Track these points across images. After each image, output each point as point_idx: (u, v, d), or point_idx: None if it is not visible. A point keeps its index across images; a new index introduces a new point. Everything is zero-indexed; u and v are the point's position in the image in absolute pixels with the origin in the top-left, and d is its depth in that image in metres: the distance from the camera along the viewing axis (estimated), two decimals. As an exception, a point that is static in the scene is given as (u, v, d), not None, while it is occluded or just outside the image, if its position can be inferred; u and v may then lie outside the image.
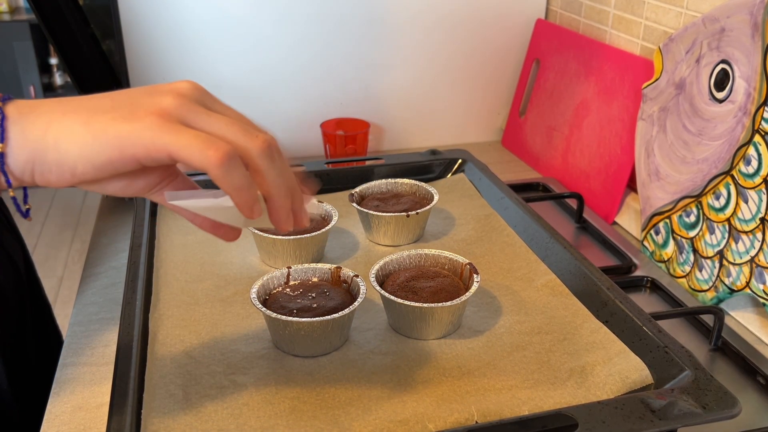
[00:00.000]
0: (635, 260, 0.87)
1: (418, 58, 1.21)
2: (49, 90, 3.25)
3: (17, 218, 0.69)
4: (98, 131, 0.41)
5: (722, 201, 0.76)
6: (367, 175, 0.89)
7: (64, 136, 0.41)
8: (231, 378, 0.56)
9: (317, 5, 1.13)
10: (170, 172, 0.47)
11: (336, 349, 0.60)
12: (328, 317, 0.57)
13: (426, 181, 0.89)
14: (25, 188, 0.46)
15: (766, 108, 0.70)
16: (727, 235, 0.76)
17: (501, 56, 1.25)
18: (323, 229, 0.73)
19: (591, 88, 1.05)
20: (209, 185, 0.85)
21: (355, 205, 0.78)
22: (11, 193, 0.43)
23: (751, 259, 0.72)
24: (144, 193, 0.47)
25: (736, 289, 0.74)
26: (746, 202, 0.73)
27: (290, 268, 0.65)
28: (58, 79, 3.29)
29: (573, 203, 0.99)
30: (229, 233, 0.49)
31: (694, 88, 0.81)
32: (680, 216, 0.83)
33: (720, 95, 0.77)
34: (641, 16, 0.98)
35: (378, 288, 0.62)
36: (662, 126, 0.86)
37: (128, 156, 0.41)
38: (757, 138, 0.71)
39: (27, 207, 0.46)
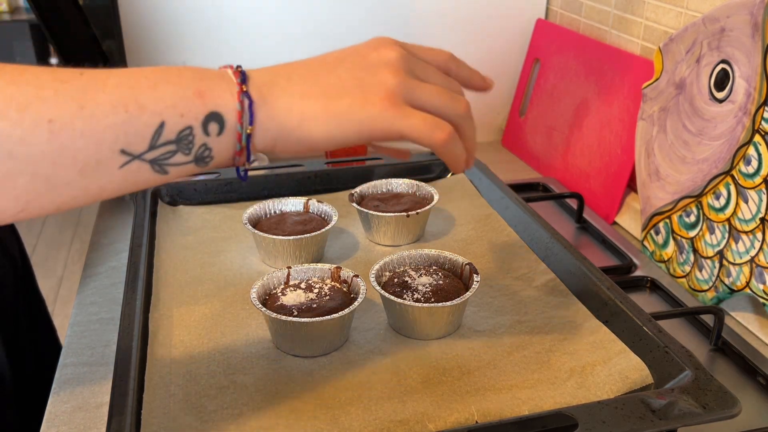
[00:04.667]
0: (635, 260, 0.87)
1: (418, 58, 1.21)
2: (49, 90, 3.24)
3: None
4: (340, 116, 0.46)
5: (722, 201, 0.76)
6: (367, 175, 0.89)
7: (308, 119, 0.46)
8: (231, 378, 0.56)
9: (317, 6, 1.13)
10: None
11: (336, 349, 0.60)
12: (328, 317, 0.57)
13: (426, 181, 0.89)
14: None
15: (766, 108, 0.70)
16: (727, 235, 0.76)
17: (501, 56, 1.24)
18: (323, 229, 0.73)
19: (591, 88, 1.05)
20: (209, 186, 0.85)
21: (355, 205, 0.78)
22: (246, 165, 0.47)
23: (751, 259, 0.72)
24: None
25: (736, 289, 0.74)
26: (746, 202, 0.73)
27: (290, 268, 0.65)
28: (58, 79, 3.29)
29: (573, 203, 0.98)
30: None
31: (694, 88, 0.81)
32: (680, 216, 0.83)
33: (720, 95, 0.77)
34: (641, 16, 0.98)
35: (378, 288, 0.62)
36: (662, 126, 0.86)
37: (365, 136, 0.47)
38: (757, 138, 0.71)
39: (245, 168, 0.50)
